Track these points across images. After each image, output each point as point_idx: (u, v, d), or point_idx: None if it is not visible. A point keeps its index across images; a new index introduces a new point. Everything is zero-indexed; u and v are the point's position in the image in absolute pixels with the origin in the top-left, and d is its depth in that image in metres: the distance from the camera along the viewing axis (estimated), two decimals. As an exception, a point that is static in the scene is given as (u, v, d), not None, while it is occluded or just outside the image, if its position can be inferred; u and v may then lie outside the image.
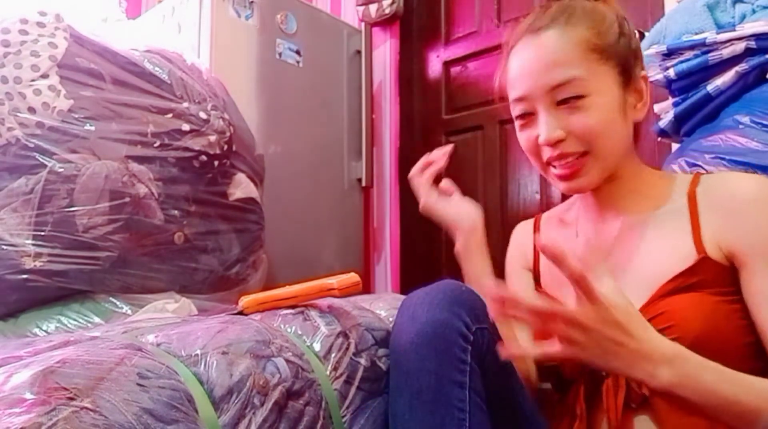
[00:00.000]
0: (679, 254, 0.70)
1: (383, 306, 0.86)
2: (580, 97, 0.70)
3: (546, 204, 1.88)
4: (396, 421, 0.65)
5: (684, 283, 0.68)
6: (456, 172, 2.30)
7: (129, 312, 1.00)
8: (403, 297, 0.97)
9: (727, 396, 0.57)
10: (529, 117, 0.75)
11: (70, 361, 0.50)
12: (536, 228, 0.96)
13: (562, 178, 0.74)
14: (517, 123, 0.78)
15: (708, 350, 0.59)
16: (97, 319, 0.97)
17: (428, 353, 0.63)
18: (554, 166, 0.75)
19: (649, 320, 0.62)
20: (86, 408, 0.46)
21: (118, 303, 1.01)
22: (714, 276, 0.68)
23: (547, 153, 0.74)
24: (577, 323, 0.55)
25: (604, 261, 0.75)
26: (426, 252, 2.14)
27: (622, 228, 0.77)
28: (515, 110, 0.77)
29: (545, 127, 0.72)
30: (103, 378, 0.50)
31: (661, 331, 0.61)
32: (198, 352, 0.59)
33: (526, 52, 0.74)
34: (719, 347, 0.63)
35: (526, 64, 0.74)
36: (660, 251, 0.72)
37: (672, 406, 0.65)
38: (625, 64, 0.74)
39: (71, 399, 0.46)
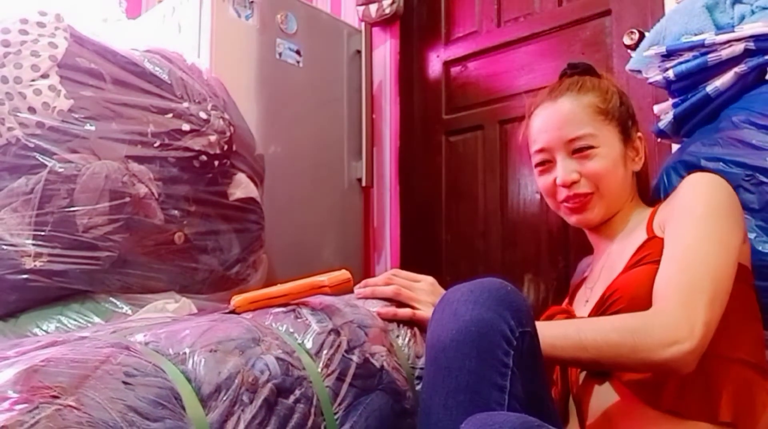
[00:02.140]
0: (636, 242, 0.84)
1: (376, 303, 0.86)
2: (591, 147, 0.88)
3: (546, 204, 1.88)
4: (429, 418, 0.64)
5: (635, 260, 0.81)
6: (456, 172, 2.31)
7: (129, 312, 1.00)
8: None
9: (569, 333, 0.71)
10: (547, 164, 0.93)
11: (54, 360, 0.50)
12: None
13: (573, 211, 0.92)
14: (537, 170, 0.95)
15: (641, 307, 0.71)
16: (97, 319, 0.97)
17: (470, 352, 0.63)
18: (566, 203, 0.91)
19: (607, 297, 0.79)
20: (70, 406, 0.46)
21: (118, 303, 1.01)
22: (659, 249, 0.79)
23: (562, 193, 0.91)
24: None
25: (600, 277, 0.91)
26: (426, 252, 2.14)
27: (611, 250, 0.92)
28: (536, 159, 0.94)
29: (562, 171, 0.89)
30: (88, 376, 0.50)
31: (612, 303, 0.77)
32: (186, 350, 0.59)
33: (546, 112, 0.93)
34: (649, 304, 0.72)
35: (546, 122, 0.92)
36: (625, 250, 0.86)
37: (627, 381, 0.74)
38: (624, 125, 0.92)
39: (55, 397, 0.46)
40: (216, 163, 1.15)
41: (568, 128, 0.89)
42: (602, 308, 0.80)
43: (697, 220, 0.76)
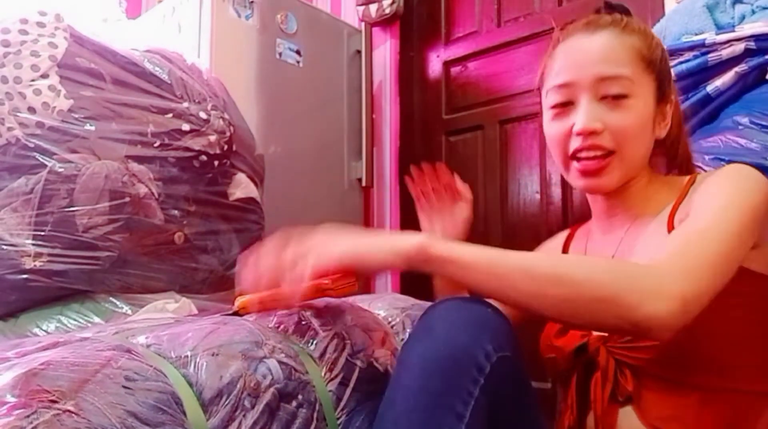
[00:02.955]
0: (657, 239, 0.73)
1: (382, 306, 0.86)
2: (624, 95, 0.73)
3: (546, 204, 1.88)
4: None
5: None
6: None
7: (129, 312, 1.00)
8: (402, 297, 0.98)
9: (490, 254, 0.61)
10: (566, 107, 0.77)
11: (54, 363, 0.50)
12: (568, 239, 0.96)
13: (585, 172, 0.76)
14: (551, 113, 0.79)
15: None
16: (97, 319, 0.97)
17: (435, 372, 0.58)
18: (578, 160, 0.76)
19: None
20: (69, 411, 0.46)
21: (118, 303, 1.01)
22: None
23: (576, 143, 0.75)
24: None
25: None
26: (426, 252, 2.14)
27: (625, 236, 0.79)
28: (553, 98, 0.78)
29: (585, 116, 0.74)
30: (87, 380, 0.49)
31: None
32: (188, 353, 0.58)
33: (580, 44, 0.77)
34: None
35: (578, 55, 0.76)
36: (650, 247, 0.74)
37: (656, 401, 0.67)
38: (663, 81, 0.78)
39: (53, 402, 0.46)
40: (216, 163, 1.15)
41: (604, 65, 0.74)
42: None
43: (720, 208, 0.66)
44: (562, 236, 0.97)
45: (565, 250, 0.93)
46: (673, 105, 0.81)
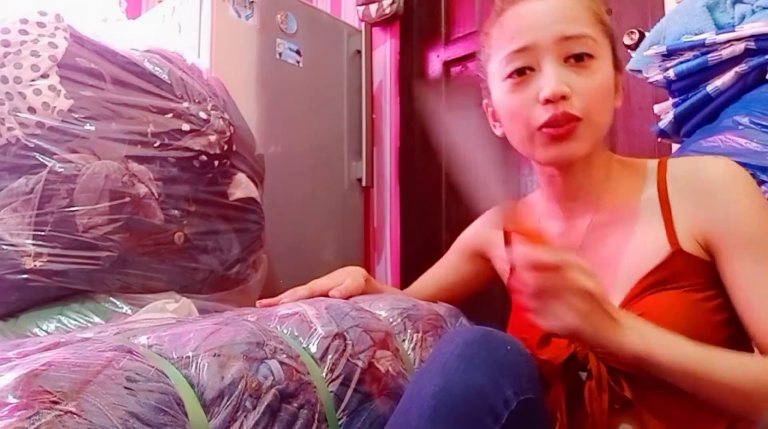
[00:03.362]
0: (652, 249, 0.68)
1: (383, 306, 0.85)
2: (590, 56, 0.68)
3: (546, 204, 1.88)
4: None
5: (658, 279, 0.66)
6: (456, 172, 2.28)
7: (129, 312, 1.00)
8: (404, 297, 0.97)
9: (698, 369, 0.57)
10: (526, 74, 0.70)
11: (56, 364, 0.50)
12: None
13: (555, 138, 0.68)
14: (508, 83, 0.71)
15: None
16: (97, 319, 0.97)
17: (448, 418, 0.53)
18: (549, 128, 0.68)
19: None
20: (70, 412, 0.46)
21: (118, 303, 1.01)
22: (689, 270, 0.66)
23: (545, 113, 0.67)
24: (571, 289, 0.55)
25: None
26: (426, 252, 2.14)
27: (591, 227, 0.74)
28: (511, 65, 0.70)
29: (554, 80, 0.67)
30: (89, 381, 0.49)
31: None
32: (189, 354, 0.58)
33: (535, 6, 0.70)
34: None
35: (535, 16, 0.69)
36: (633, 248, 0.70)
37: (655, 411, 0.64)
38: (615, 49, 0.73)
39: (55, 403, 0.46)
40: (216, 163, 1.15)
41: (566, 24, 0.68)
42: None
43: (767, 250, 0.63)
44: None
45: (506, 233, 0.86)
46: (622, 77, 0.75)
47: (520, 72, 0.70)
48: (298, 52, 2.00)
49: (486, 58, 0.77)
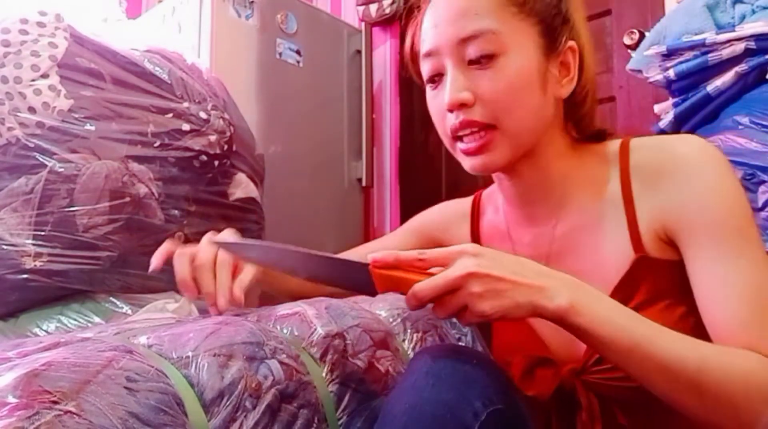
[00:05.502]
0: (617, 258, 0.63)
1: (383, 307, 0.85)
2: (489, 55, 0.61)
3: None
4: None
5: (627, 295, 0.62)
6: (456, 172, 2.30)
7: (129, 312, 1.00)
8: (404, 297, 0.96)
9: (635, 335, 0.52)
10: (439, 80, 0.66)
11: (56, 364, 0.50)
12: (475, 215, 0.84)
13: (468, 152, 0.64)
14: (429, 89, 0.68)
15: None
16: (97, 319, 0.97)
17: None
18: (461, 142, 0.65)
19: None
20: (70, 412, 0.46)
21: (118, 303, 1.01)
22: (655, 276, 0.62)
23: (450, 121, 0.63)
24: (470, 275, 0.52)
25: None
26: (426, 252, 2.14)
27: (559, 236, 0.69)
28: (425, 72, 0.67)
29: (450, 86, 0.62)
30: (89, 381, 0.49)
31: None
32: (189, 354, 0.58)
33: (439, 2, 0.65)
34: None
35: (437, 14, 0.64)
36: (600, 258, 0.65)
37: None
38: (550, 25, 0.64)
39: (55, 403, 0.46)
40: (216, 163, 1.15)
41: (461, 23, 0.62)
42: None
43: (733, 235, 0.57)
44: (464, 210, 0.85)
45: (475, 234, 0.81)
46: (578, 52, 0.65)
47: (431, 79, 0.67)
48: (298, 52, 2.00)
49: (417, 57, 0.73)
